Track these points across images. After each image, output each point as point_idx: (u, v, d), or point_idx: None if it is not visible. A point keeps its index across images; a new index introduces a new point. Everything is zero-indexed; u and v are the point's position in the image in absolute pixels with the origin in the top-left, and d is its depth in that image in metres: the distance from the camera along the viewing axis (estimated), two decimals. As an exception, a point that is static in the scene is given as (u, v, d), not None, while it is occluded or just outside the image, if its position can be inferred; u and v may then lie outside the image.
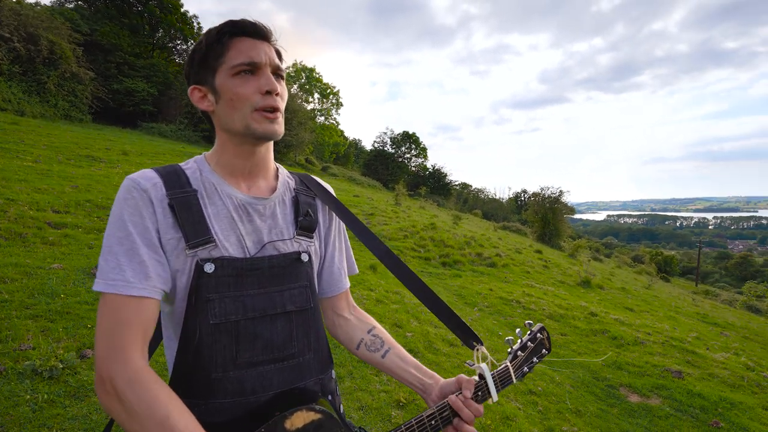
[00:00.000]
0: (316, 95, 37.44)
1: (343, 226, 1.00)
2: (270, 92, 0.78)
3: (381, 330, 0.99)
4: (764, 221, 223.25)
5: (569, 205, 26.25)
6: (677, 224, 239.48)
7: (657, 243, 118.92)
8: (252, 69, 0.78)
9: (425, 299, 0.92)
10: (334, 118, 39.44)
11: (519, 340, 0.97)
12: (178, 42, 29.09)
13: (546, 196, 25.55)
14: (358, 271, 1.05)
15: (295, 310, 0.84)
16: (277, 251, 0.83)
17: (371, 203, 14.76)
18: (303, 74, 35.90)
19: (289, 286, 0.84)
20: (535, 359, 0.96)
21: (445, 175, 40.49)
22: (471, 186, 57.10)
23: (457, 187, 48.32)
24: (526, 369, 0.95)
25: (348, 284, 1.01)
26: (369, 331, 0.98)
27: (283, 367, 0.81)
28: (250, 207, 0.83)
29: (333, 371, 0.94)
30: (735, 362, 5.66)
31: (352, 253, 1.04)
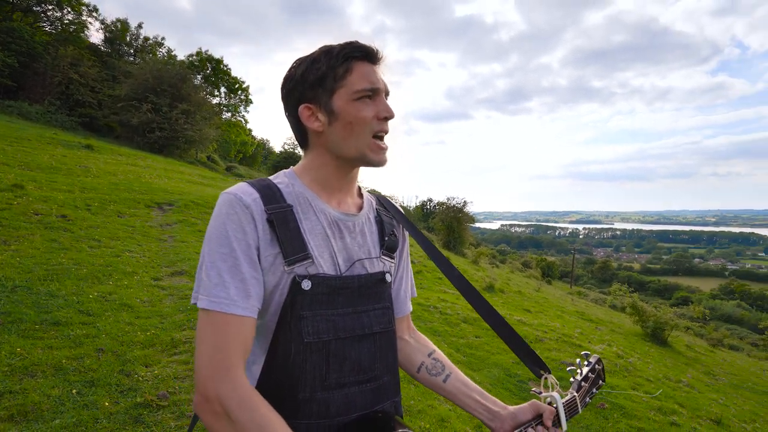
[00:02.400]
0: (223, 89, 34.76)
1: (409, 248, 1.00)
2: (387, 118, 0.81)
3: (441, 354, 0.98)
4: (618, 232, 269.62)
5: (471, 214, 28.42)
6: (557, 234, 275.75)
7: (541, 250, 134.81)
8: (371, 94, 0.79)
9: (496, 326, 0.91)
10: (242, 116, 37.04)
11: (579, 371, 1.00)
12: (50, 7, 24.25)
13: (451, 205, 27.32)
14: (416, 294, 1.04)
15: (380, 332, 0.83)
16: (365, 270, 0.83)
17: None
18: (209, 65, 33.12)
19: (374, 306, 0.83)
20: (594, 390, 1.00)
21: (358, 181, 40.83)
22: (380, 193, 58.47)
23: (369, 194, 48.94)
24: (588, 399, 0.98)
25: (411, 307, 1.01)
26: (429, 355, 0.97)
27: (366, 389, 0.81)
28: (342, 223, 0.83)
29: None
30: (609, 352, 6.62)
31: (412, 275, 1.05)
